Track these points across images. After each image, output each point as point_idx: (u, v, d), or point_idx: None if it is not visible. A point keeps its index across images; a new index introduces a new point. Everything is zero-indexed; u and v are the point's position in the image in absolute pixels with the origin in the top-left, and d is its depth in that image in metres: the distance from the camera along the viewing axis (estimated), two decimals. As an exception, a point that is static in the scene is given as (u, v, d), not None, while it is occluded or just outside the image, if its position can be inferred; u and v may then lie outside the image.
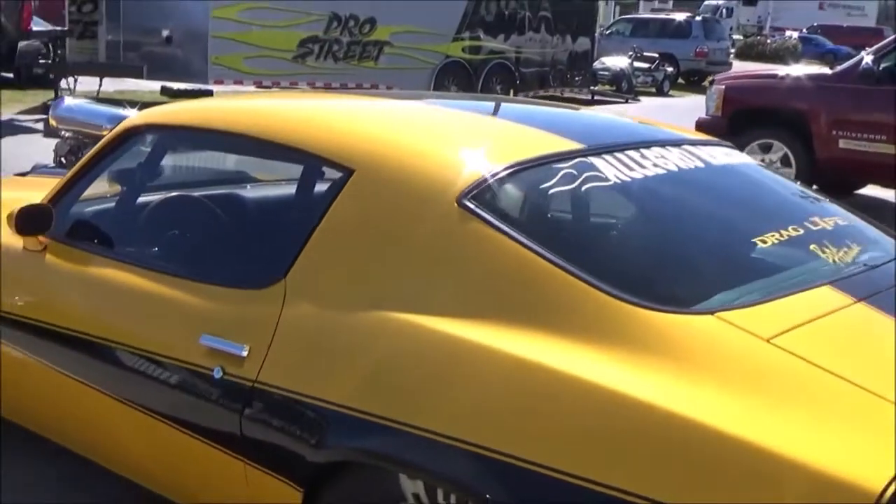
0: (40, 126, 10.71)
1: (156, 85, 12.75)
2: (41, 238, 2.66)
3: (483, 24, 15.72)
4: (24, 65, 11.36)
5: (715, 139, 2.72)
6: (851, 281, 1.97)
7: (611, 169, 2.14)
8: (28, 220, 2.60)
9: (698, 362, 1.64)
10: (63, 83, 11.76)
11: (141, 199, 2.82)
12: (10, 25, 10.48)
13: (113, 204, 2.86)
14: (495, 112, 2.63)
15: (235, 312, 2.15)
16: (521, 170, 2.06)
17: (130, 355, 2.33)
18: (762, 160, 8.97)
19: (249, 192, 3.13)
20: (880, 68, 8.41)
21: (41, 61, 11.82)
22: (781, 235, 2.09)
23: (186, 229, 2.67)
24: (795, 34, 40.79)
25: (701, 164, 2.36)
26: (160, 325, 2.30)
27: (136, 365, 2.31)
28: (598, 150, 2.21)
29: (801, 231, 2.15)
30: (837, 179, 9.38)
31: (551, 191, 2.04)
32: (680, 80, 24.08)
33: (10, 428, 2.99)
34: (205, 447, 2.17)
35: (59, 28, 12.30)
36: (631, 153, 2.25)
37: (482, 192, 1.97)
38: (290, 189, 2.63)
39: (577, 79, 18.59)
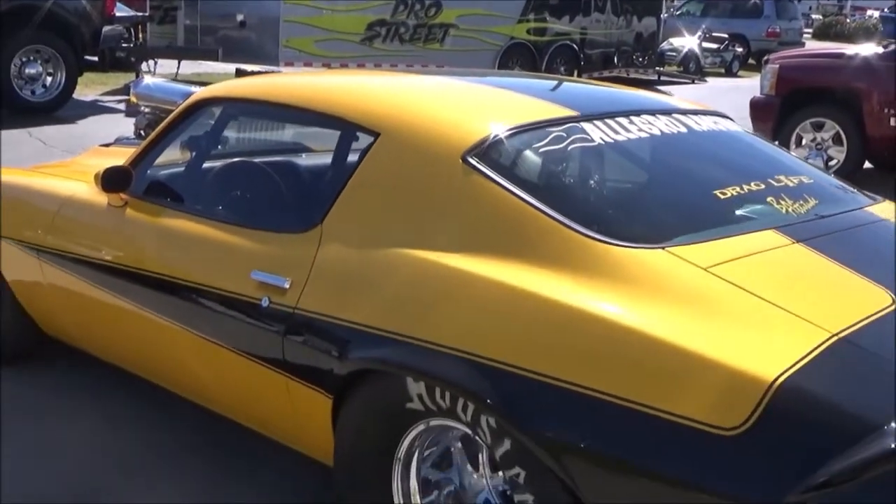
0: (122, 106, 11.35)
1: (231, 67, 13.32)
2: (122, 195, 3.13)
3: (548, 5, 15.94)
4: (107, 49, 11.94)
5: (709, 110, 3.06)
6: (796, 227, 2.32)
7: (597, 132, 2.52)
8: (111, 180, 3.07)
9: (645, 285, 2.01)
10: (144, 66, 12.40)
11: (206, 163, 3.27)
12: (94, 11, 11.08)
13: (182, 167, 3.32)
14: (508, 86, 3.02)
15: (280, 252, 2.57)
16: (517, 132, 2.45)
17: (194, 290, 2.77)
18: (814, 139, 9.16)
19: (299, 158, 3.56)
20: (934, 47, 8.52)
21: (123, 45, 12.42)
22: (742, 189, 2.44)
23: (242, 186, 3.11)
24: (876, 13, 39.90)
25: (684, 130, 2.72)
26: (219, 263, 2.74)
27: (198, 298, 2.76)
28: (590, 117, 2.59)
29: (763, 186, 2.49)
30: (889, 157, 9.49)
31: (541, 150, 2.43)
32: (751, 61, 23.88)
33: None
34: (253, 364, 2.60)
35: (140, 14, 12.94)
36: (620, 119, 2.62)
37: (483, 151, 2.36)
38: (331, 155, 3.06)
39: (642, 60, 18.70)
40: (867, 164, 9.74)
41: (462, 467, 2.27)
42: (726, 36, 23.13)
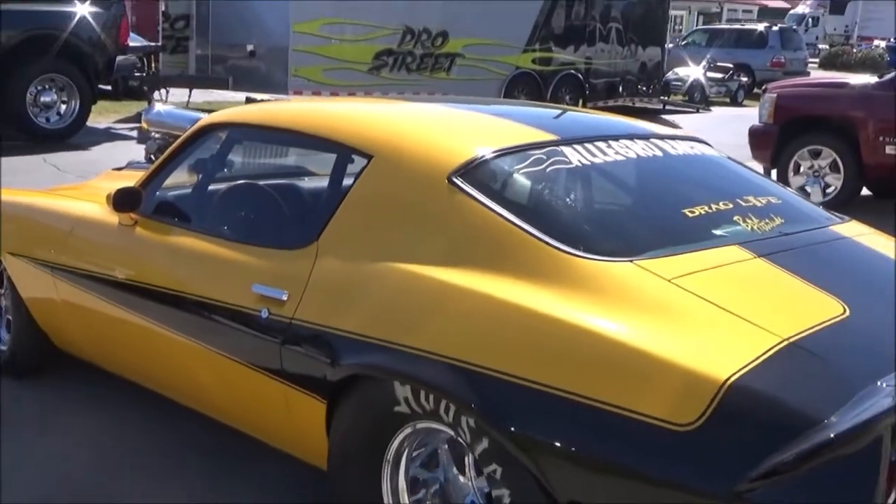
0: (134, 133, 11.59)
1: (240, 96, 13.58)
2: (132, 215, 3.32)
3: (553, 35, 16.20)
4: (120, 77, 12.26)
5: (687, 135, 3.24)
6: (759, 243, 2.48)
7: (576, 155, 2.69)
8: (122, 200, 3.26)
9: (613, 295, 2.17)
10: (156, 95, 12.66)
11: (211, 184, 3.45)
12: (108, 41, 11.36)
13: (189, 188, 3.50)
14: (494, 112, 3.20)
15: (279, 267, 2.75)
16: (499, 155, 2.64)
17: (200, 303, 2.94)
18: (811, 166, 9.32)
19: (299, 180, 3.75)
20: (929, 77, 8.69)
21: (136, 74, 12.73)
22: (710, 208, 2.61)
23: (245, 206, 3.29)
24: (883, 43, 40.11)
25: (659, 154, 2.89)
26: (222, 278, 2.91)
27: (203, 311, 2.93)
28: (570, 141, 2.77)
29: (731, 205, 2.66)
30: (885, 184, 9.65)
31: (522, 171, 2.61)
32: (756, 91, 24.08)
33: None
34: (254, 373, 2.77)
35: (153, 43, 13.23)
36: (599, 144, 2.80)
37: (467, 172, 2.54)
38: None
39: (646, 89, 18.92)
40: (866, 192, 9.90)
41: (448, 468, 2.42)
42: (731, 66, 23.36)
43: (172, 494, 3.12)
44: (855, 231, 2.84)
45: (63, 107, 10.97)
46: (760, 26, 26.65)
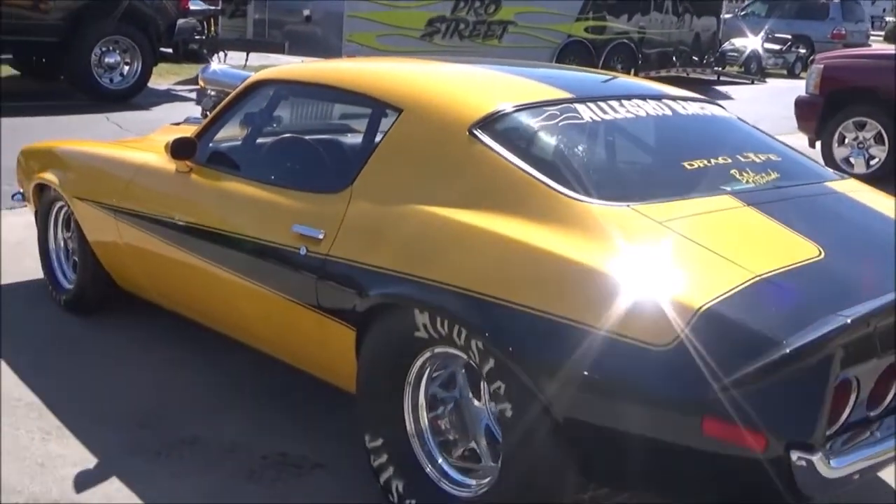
0: (193, 95, 11.99)
1: (296, 60, 13.89)
2: (188, 162, 3.64)
3: (606, 4, 16.18)
4: (181, 40, 12.68)
5: (699, 97, 3.46)
6: (750, 194, 2.72)
7: (588, 112, 2.94)
8: (179, 149, 3.58)
9: (609, 234, 2.43)
10: (215, 58, 13.05)
11: (259, 136, 3.76)
12: (170, 5, 11.77)
13: (239, 140, 3.81)
14: (516, 72, 3.45)
15: (317, 209, 3.04)
16: (516, 110, 2.90)
17: (247, 242, 3.26)
18: (856, 137, 9.37)
19: (337, 135, 4.03)
20: (973, 49, 8.68)
21: (196, 37, 13.15)
22: (709, 162, 2.84)
23: (289, 156, 3.59)
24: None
25: (669, 113, 3.13)
26: (267, 219, 3.22)
27: (249, 248, 3.24)
28: (583, 99, 3.02)
29: (730, 160, 2.89)
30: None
31: (536, 125, 2.87)
32: (814, 63, 23.79)
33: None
34: (293, 304, 3.07)
35: (213, 7, 13.63)
36: (612, 102, 3.05)
37: (486, 125, 2.81)
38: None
39: (700, 59, 18.86)
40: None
41: (464, 389, 2.70)
42: (789, 37, 23.11)
43: (218, 421, 3.48)
44: (850, 188, 3.05)
45: (126, 68, 11.40)
46: (822, -2, 26.26)
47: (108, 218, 4.00)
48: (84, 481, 3.05)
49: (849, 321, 1.99)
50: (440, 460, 2.73)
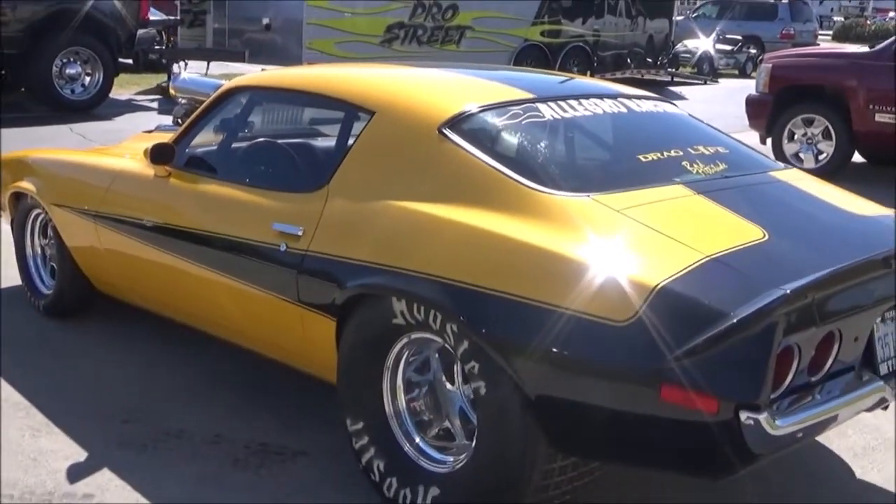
0: (154, 105, 12.10)
1: (256, 68, 13.97)
2: (166, 167, 3.78)
3: (562, 8, 16.50)
4: (141, 51, 12.75)
5: (653, 95, 3.68)
6: (700, 183, 2.93)
7: (549, 110, 3.15)
8: (158, 154, 3.72)
9: (571, 222, 2.63)
10: (175, 67, 13.13)
11: (236, 140, 3.91)
12: (129, 15, 11.84)
13: (216, 145, 3.96)
14: (481, 75, 3.66)
15: (296, 207, 3.21)
16: (481, 110, 3.09)
17: (228, 241, 3.41)
18: (804, 134, 9.69)
19: (312, 139, 4.20)
20: (915, 47, 9.03)
21: (156, 48, 13.22)
22: (662, 154, 3.06)
23: (267, 158, 3.75)
24: (897, 14, 40.03)
25: (624, 110, 3.34)
26: (247, 218, 3.37)
27: (230, 247, 3.40)
28: (545, 99, 3.23)
29: (681, 153, 3.11)
30: (875, 151, 10.02)
31: (501, 123, 3.06)
32: (764, 63, 24.28)
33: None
34: (274, 299, 3.23)
35: (172, 17, 13.68)
36: (571, 101, 3.25)
37: (454, 124, 3.00)
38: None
39: (654, 61, 19.23)
40: (861, 160, 10.28)
41: (437, 372, 2.88)
42: (740, 38, 23.61)
43: (201, 413, 3.64)
44: (792, 177, 3.28)
45: (87, 79, 11.46)
46: (771, -1, 26.82)
47: (88, 223, 4.12)
48: (76, 473, 3.19)
49: (788, 292, 2.20)
50: (418, 439, 2.91)
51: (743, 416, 2.20)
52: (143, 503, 3.03)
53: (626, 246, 2.54)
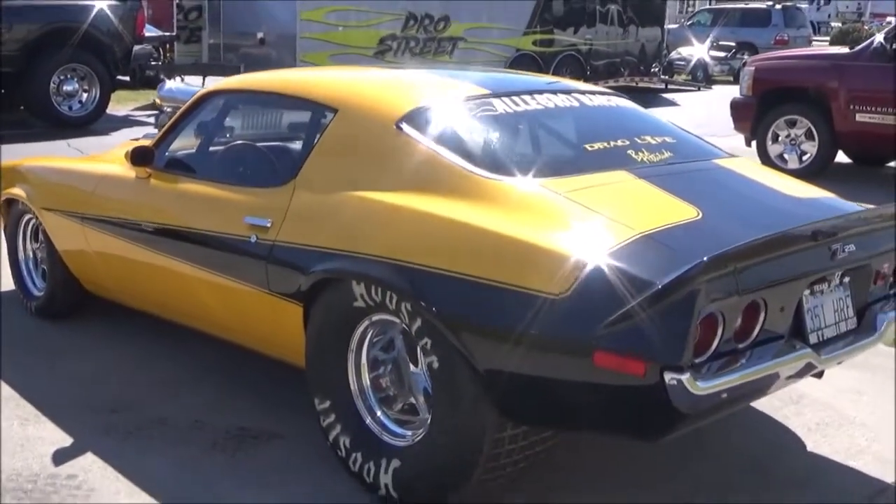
0: (151, 120, 12.28)
1: (252, 82, 14.21)
2: (147, 169, 3.97)
3: (553, 18, 16.74)
4: (138, 66, 12.98)
5: (609, 91, 3.86)
6: (644, 169, 3.11)
7: (502, 105, 3.33)
8: (138, 157, 3.91)
9: (519, 206, 2.81)
10: (165, 78, 13.34)
11: (212, 142, 4.10)
12: (126, 32, 12.08)
13: (193, 147, 4.15)
14: (441, 74, 3.85)
15: (265, 201, 3.39)
16: (437, 105, 3.27)
17: (203, 236, 3.60)
18: (788, 135, 9.85)
19: (281, 140, 4.38)
20: (893, 47, 9.17)
21: (152, 63, 13.45)
22: (609, 144, 3.24)
23: (239, 157, 3.94)
24: (894, 20, 40.15)
25: (576, 104, 3.53)
26: (221, 214, 3.55)
27: (206, 241, 3.58)
28: (499, 94, 3.41)
29: (627, 142, 3.29)
30: (857, 151, 10.17)
31: (455, 117, 3.25)
32: (759, 68, 24.45)
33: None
34: (246, 289, 3.41)
35: (168, 34, 13.94)
36: (524, 97, 3.44)
37: (410, 119, 3.18)
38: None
39: (647, 68, 19.43)
40: (848, 160, 10.43)
41: (401, 350, 3.03)
42: (734, 44, 23.82)
43: (187, 401, 3.83)
44: (736, 163, 3.45)
45: (84, 95, 11.69)
46: (764, 5, 26.99)
47: (76, 225, 4.31)
48: (61, 457, 3.36)
49: (706, 260, 2.36)
50: (380, 414, 3.08)
51: (667, 377, 2.36)
52: (123, 484, 3.20)
53: (566, 225, 2.71)
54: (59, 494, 3.11)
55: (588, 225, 2.71)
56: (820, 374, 2.91)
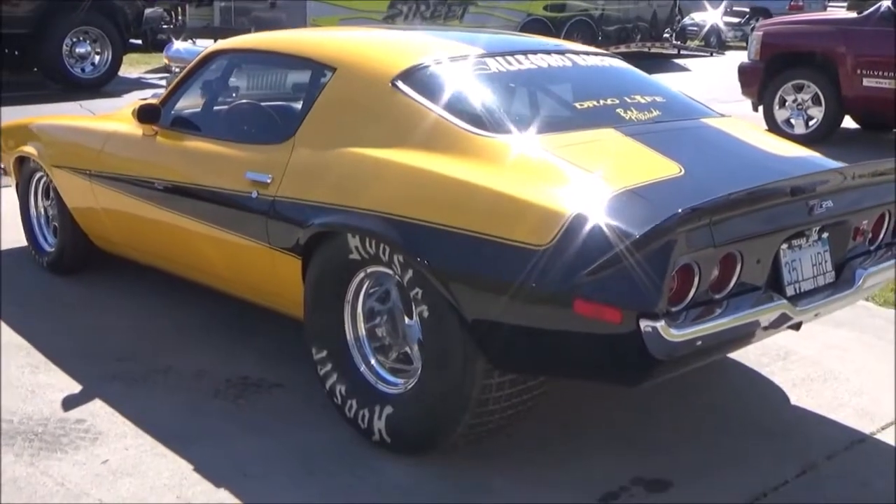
0: (163, 82, 12.37)
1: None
2: (153, 126, 4.08)
3: (565, -18, 16.73)
4: (149, 30, 13.09)
5: (603, 51, 3.94)
6: (631, 126, 3.20)
7: (496, 64, 3.42)
8: (145, 114, 4.02)
9: (507, 161, 2.91)
10: (173, 39, 13.44)
11: (216, 100, 4.20)
12: (138, -5, 12.20)
13: (198, 105, 4.26)
14: (437, 34, 3.93)
15: (266, 157, 3.50)
16: (432, 63, 3.36)
17: (207, 191, 3.71)
18: (795, 100, 9.87)
19: (282, 99, 4.48)
20: (899, 12, 9.17)
21: (164, 26, 13.55)
22: (598, 102, 3.33)
23: (241, 116, 4.05)
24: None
25: (569, 64, 3.61)
26: (224, 170, 3.66)
27: (209, 197, 3.69)
28: (493, 54, 3.50)
29: (617, 101, 3.37)
30: (864, 116, 10.18)
31: (449, 75, 3.34)
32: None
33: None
34: (248, 242, 3.53)
35: (179, -3, 14.03)
36: (518, 56, 3.52)
37: (406, 77, 3.27)
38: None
39: (659, 34, 19.36)
40: (854, 126, 10.45)
41: (396, 301, 3.15)
42: (747, 10, 23.68)
43: (188, 354, 3.96)
44: (724, 123, 3.53)
45: (97, 58, 11.79)
46: (779, -30, 26.73)
47: (85, 182, 4.43)
48: (70, 402, 3.51)
49: (680, 211, 2.45)
50: (374, 363, 3.20)
51: (643, 323, 2.47)
52: (129, 427, 3.34)
53: (552, 180, 2.81)
54: (68, 437, 3.25)
55: (573, 180, 2.80)
56: (797, 326, 3.00)
